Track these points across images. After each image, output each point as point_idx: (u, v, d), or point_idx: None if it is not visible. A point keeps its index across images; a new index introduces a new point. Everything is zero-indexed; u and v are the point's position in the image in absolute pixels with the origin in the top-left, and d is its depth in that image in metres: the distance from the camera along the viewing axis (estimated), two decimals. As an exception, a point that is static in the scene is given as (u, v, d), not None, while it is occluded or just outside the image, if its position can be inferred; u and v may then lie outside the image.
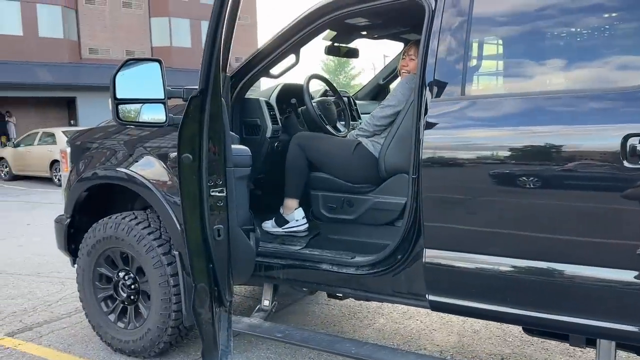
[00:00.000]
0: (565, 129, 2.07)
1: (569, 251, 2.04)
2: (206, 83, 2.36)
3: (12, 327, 4.06)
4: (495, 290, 2.23)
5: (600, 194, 1.97)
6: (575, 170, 2.00)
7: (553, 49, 2.27)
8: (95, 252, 3.50)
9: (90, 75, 26.64)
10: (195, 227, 2.43)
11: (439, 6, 2.37)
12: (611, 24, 2.17)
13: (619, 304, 1.98)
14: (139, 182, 3.20)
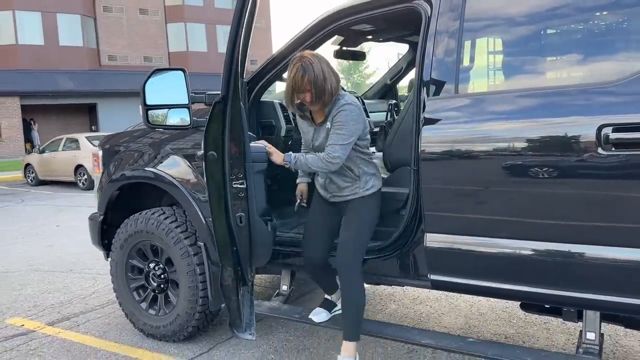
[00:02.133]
0: (548, 121, 2.30)
1: (552, 230, 2.28)
2: (227, 90, 2.65)
3: (51, 318, 4.40)
4: (488, 268, 2.47)
5: (577, 178, 2.21)
6: (555, 157, 2.24)
7: (536, 50, 2.51)
8: (127, 246, 3.81)
9: (109, 81, 27.29)
10: (221, 215, 2.75)
11: (434, 12, 2.62)
12: (586, 27, 2.40)
13: (597, 277, 2.22)
14: (167, 181, 3.50)
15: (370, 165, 2.81)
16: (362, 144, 2.76)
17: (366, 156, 2.79)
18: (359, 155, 2.76)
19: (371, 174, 2.80)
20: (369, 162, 2.80)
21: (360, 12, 2.95)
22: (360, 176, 2.77)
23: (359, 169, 2.76)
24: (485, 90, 2.69)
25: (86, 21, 27.91)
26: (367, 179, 2.78)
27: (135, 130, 4.05)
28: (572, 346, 3.38)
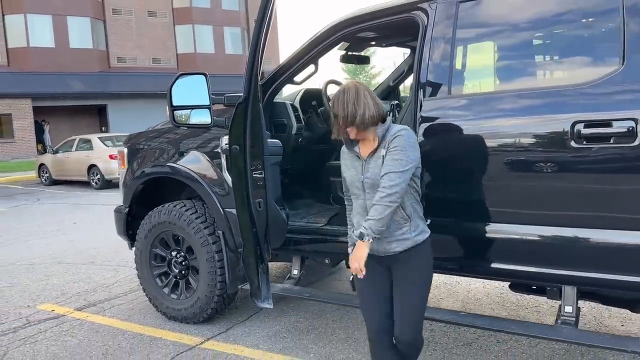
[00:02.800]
0: (530, 118, 2.61)
1: (533, 213, 2.59)
2: (248, 92, 2.98)
3: (78, 304, 4.75)
4: (477, 249, 2.79)
5: (552, 166, 2.51)
6: (535, 150, 2.55)
7: (519, 56, 2.82)
8: (151, 236, 4.14)
9: (119, 83, 27.72)
10: (243, 201, 3.08)
11: (430, 22, 2.93)
12: (563, 35, 2.72)
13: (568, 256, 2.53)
14: (189, 176, 3.83)
15: (420, 206, 2.43)
16: (416, 180, 2.39)
17: (417, 195, 2.41)
18: (412, 193, 2.38)
19: (421, 217, 2.42)
20: (419, 203, 2.43)
21: (365, 21, 3.26)
22: (411, 216, 2.36)
23: (411, 207, 2.37)
24: (476, 91, 3.00)
25: (96, 24, 28.36)
26: (417, 222, 2.38)
27: (156, 129, 4.39)
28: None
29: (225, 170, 3.65)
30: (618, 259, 2.41)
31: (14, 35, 26.52)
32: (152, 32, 30.19)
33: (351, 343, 3.59)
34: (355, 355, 3.40)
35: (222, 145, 3.62)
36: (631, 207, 2.35)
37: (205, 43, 31.70)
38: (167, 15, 30.76)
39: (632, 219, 2.36)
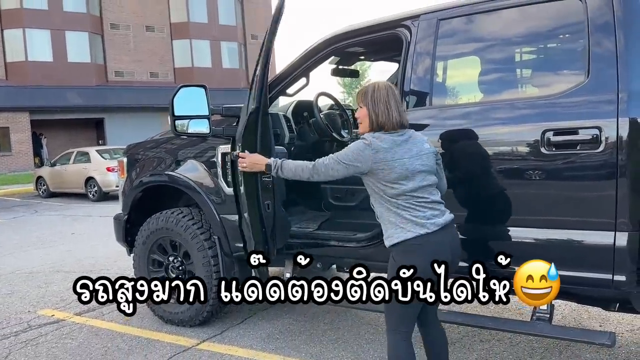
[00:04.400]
0: (505, 127, 2.81)
1: (509, 213, 2.78)
2: (259, 102, 3.17)
3: (78, 309, 4.88)
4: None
5: (524, 171, 2.70)
6: (509, 156, 2.74)
7: (494, 70, 3.04)
8: (149, 242, 4.30)
9: (117, 97, 27.95)
10: (254, 203, 3.27)
11: (412, 39, 3.14)
12: (533, 51, 2.93)
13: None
14: (187, 184, 4.00)
15: (392, 215, 2.45)
16: (389, 191, 2.43)
17: (391, 204, 2.45)
18: (380, 202, 2.49)
19: (392, 223, 2.45)
20: (390, 211, 2.46)
21: (353, 37, 3.48)
22: (382, 222, 2.53)
23: (380, 214, 2.53)
24: (455, 103, 3.20)
25: (94, 38, 28.66)
26: (386, 227, 2.50)
27: (154, 140, 4.57)
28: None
29: (221, 179, 3.83)
30: (583, 257, 2.59)
31: (12, 49, 26.79)
32: (149, 46, 30.50)
33: (341, 344, 3.74)
34: (345, 354, 3.55)
35: (218, 154, 3.82)
36: (595, 209, 2.53)
37: (203, 57, 32.03)
38: (164, 30, 31.09)
39: (597, 221, 2.54)
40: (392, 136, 2.46)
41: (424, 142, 2.53)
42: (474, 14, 3.01)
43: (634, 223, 2.46)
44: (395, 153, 2.42)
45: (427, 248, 2.39)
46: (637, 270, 2.50)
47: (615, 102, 2.47)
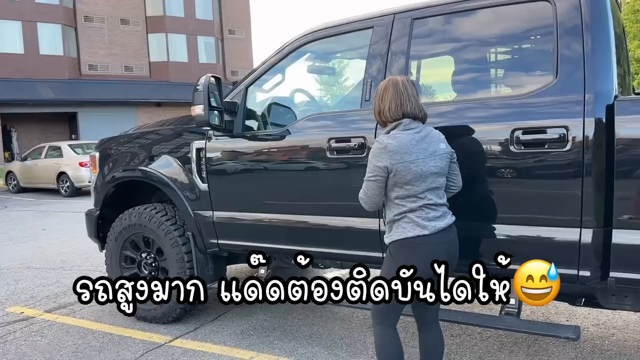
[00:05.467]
0: (476, 125, 2.85)
1: (480, 209, 2.83)
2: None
3: (48, 306, 4.81)
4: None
5: (496, 169, 2.75)
6: (482, 154, 2.78)
7: (467, 71, 3.09)
8: (121, 238, 4.26)
9: (90, 90, 27.46)
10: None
11: (387, 38, 3.17)
12: (505, 52, 2.99)
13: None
14: (161, 180, 3.97)
15: (397, 215, 2.47)
16: (401, 192, 2.43)
17: (398, 206, 2.46)
18: (392, 201, 2.49)
19: (394, 221, 2.48)
20: (397, 212, 2.47)
21: (329, 35, 3.49)
22: (386, 218, 2.56)
23: (388, 213, 2.53)
24: (432, 101, 3.25)
25: (67, 31, 28.09)
26: (390, 226, 2.53)
27: (127, 134, 4.52)
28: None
29: (195, 174, 3.81)
30: (550, 253, 2.66)
31: (-19, 41, 26.11)
32: (124, 40, 30.04)
33: (315, 339, 3.77)
34: (318, 349, 3.58)
35: (193, 150, 3.80)
36: (562, 207, 2.60)
37: (179, 52, 31.66)
38: (139, 24, 30.64)
39: (563, 218, 2.61)
40: (409, 133, 2.43)
41: (439, 142, 2.51)
42: (447, 14, 3.05)
43: (599, 220, 2.53)
44: (412, 154, 2.39)
45: (425, 247, 2.42)
46: (601, 266, 2.57)
47: (581, 103, 2.53)
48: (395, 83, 2.51)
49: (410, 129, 2.45)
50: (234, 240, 3.79)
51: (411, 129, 2.45)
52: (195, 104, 3.36)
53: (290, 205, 3.48)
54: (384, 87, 2.53)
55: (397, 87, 2.49)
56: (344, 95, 4.22)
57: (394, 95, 2.48)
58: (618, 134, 2.48)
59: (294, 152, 3.44)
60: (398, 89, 2.48)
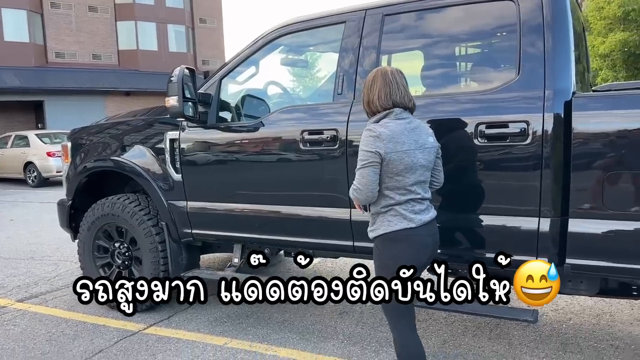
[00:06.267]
0: (442, 119, 2.97)
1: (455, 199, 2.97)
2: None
3: (19, 296, 4.79)
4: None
5: (462, 162, 2.88)
6: (449, 147, 2.89)
7: (435, 67, 3.21)
8: (94, 228, 4.27)
9: (57, 79, 26.79)
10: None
11: (358, 33, 3.26)
12: (471, 49, 3.12)
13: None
14: (134, 170, 3.99)
15: (385, 207, 2.45)
16: (391, 183, 2.42)
17: (387, 197, 2.44)
18: (380, 192, 2.44)
19: (381, 213, 2.47)
20: (386, 204, 2.45)
21: (303, 29, 3.57)
22: (370, 210, 2.54)
23: (374, 204, 2.49)
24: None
25: (33, 17, 27.31)
26: (374, 219, 2.51)
27: (100, 124, 4.52)
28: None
29: (169, 165, 3.85)
30: (512, 241, 2.81)
31: (-58, 25, 25.21)
32: (92, 27, 29.35)
33: (287, 325, 3.87)
34: (291, 335, 3.68)
35: (167, 140, 3.84)
36: (523, 197, 2.75)
37: (148, 40, 31.10)
38: (108, 11, 29.98)
39: (524, 208, 2.76)
40: (401, 123, 2.42)
41: (428, 135, 2.51)
42: (417, 11, 3.16)
43: (556, 210, 2.69)
44: (404, 143, 2.38)
45: (412, 239, 2.44)
46: (558, 253, 2.73)
47: (542, 99, 2.68)
48: (384, 73, 2.48)
49: (401, 118, 2.43)
50: (207, 230, 3.85)
51: (403, 118, 2.43)
52: (169, 95, 3.40)
53: (263, 195, 3.55)
54: (373, 77, 2.50)
55: (386, 76, 2.46)
56: (317, 88, 4.29)
57: (382, 84, 2.44)
58: (575, 129, 2.62)
59: (267, 143, 3.51)
60: (387, 79, 2.45)
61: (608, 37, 19.88)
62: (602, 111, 2.67)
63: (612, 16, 19.47)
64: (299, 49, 4.23)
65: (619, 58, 20.20)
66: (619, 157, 2.57)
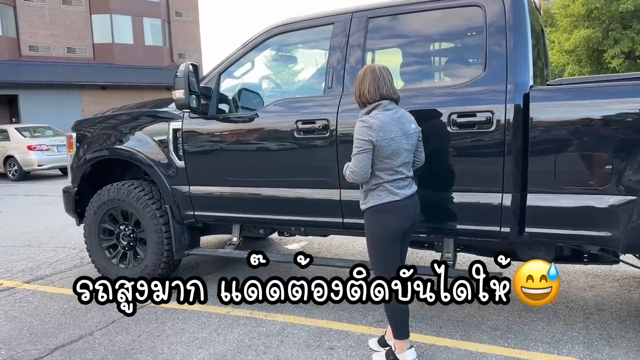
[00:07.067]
0: (420, 109, 3.40)
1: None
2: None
3: (26, 278, 5.10)
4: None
5: (436, 146, 3.32)
6: (427, 134, 3.33)
7: (413, 63, 3.66)
8: (100, 212, 4.62)
9: (32, 72, 26.54)
10: None
11: (345, 33, 3.68)
12: (445, 47, 3.57)
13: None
14: (142, 159, 4.35)
15: (375, 185, 2.87)
16: (380, 165, 2.83)
17: (377, 177, 2.86)
18: (372, 172, 2.85)
19: (371, 190, 2.88)
20: (375, 182, 2.87)
21: (295, 29, 3.98)
22: (362, 187, 2.94)
23: (366, 182, 2.90)
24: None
25: (5, 9, 26.96)
26: (365, 194, 2.93)
27: (105, 115, 4.86)
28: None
29: (172, 153, 4.22)
30: (480, 214, 3.27)
31: None
32: (66, 20, 29.09)
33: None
34: (286, 304, 4.08)
35: (170, 130, 4.20)
36: (489, 176, 3.21)
37: (124, 33, 30.92)
38: (82, 4, 29.71)
39: (490, 186, 3.22)
40: (388, 114, 2.83)
41: (411, 122, 2.92)
42: (397, 14, 3.60)
43: (516, 187, 3.16)
44: (392, 132, 2.80)
45: (397, 209, 2.87)
46: (518, 224, 3.21)
47: (504, 92, 3.14)
48: (373, 69, 2.90)
49: (388, 109, 2.85)
50: (209, 212, 4.24)
51: (389, 109, 2.85)
52: (176, 89, 3.78)
53: (261, 179, 3.95)
54: (363, 73, 2.92)
55: (375, 72, 2.87)
56: (309, 83, 4.70)
57: (372, 79, 2.86)
58: (532, 118, 3.10)
59: (264, 132, 3.91)
60: (375, 75, 2.87)
61: (573, 34, 20.72)
62: (555, 102, 3.14)
63: (576, 14, 20.29)
64: (292, 47, 4.63)
65: (584, 54, 21.06)
66: (567, 142, 3.05)
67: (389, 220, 2.89)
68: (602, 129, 3.00)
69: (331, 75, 3.68)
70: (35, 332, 3.80)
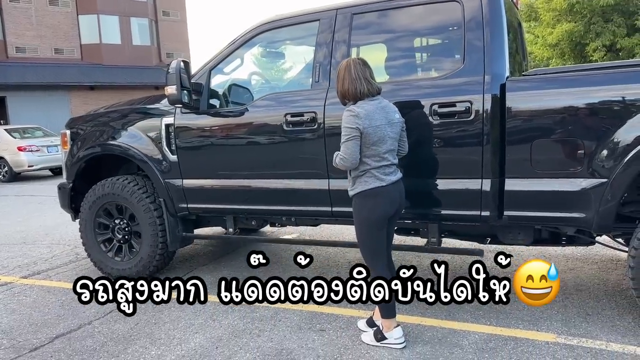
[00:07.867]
0: (404, 101, 3.56)
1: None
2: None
3: (23, 273, 5.20)
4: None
5: (420, 135, 3.48)
6: (411, 124, 3.49)
7: (396, 57, 3.82)
8: (95, 206, 4.74)
9: (19, 74, 26.44)
10: None
11: (330, 29, 3.83)
12: (426, 42, 3.74)
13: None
14: (136, 155, 4.47)
15: (362, 171, 3.03)
16: (367, 152, 2.99)
17: (364, 164, 3.01)
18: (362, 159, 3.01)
19: (359, 176, 3.04)
20: (363, 169, 3.02)
21: (282, 26, 4.12)
22: (351, 173, 3.09)
23: (355, 169, 3.04)
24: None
25: (-10, 11, 26.85)
26: (353, 181, 3.08)
27: (97, 113, 4.97)
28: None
29: (165, 148, 4.35)
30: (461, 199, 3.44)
31: None
32: (53, 21, 28.97)
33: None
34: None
35: (162, 125, 4.33)
36: (469, 163, 3.37)
37: (111, 34, 30.84)
38: (69, 4, 29.61)
39: (470, 172, 3.38)
40: (373, 104, 3.00)
41: (395, 112, 3.10)
42: (380, 10, 3.75)
43: (495, 172, 3.33)
44: (377, 120, 2.97)
45: (384, 194, 3.03)
46: (497, 207, 3.38)
47: (482, 83, 3.31)
48: (349, 70, 3.03)
49: (373, 100, 3.04)
50: (202, 204, 4.38)
51: (374, 99, 3.04)
52: (168, 85, 3.91)
53: (252, 171, 4.09)
54: (342, 72, 3.07)
55: (351, 74, 3.02)
56: (296, 78, 4.85)
57: (350, 80, 3.02)
58: (508, 107, 3.27)
59: (254, 125, 4.05)
60: (352, 77, 3.02)
61: (556, 28, 21.00)
62: (529, 92, 3.31)
63: (559, 8, 20.58)
64: (279, 44, 4.76)
65: (567, 47, 21.37)
66: (542, 128, 3.22)
67: (376, 205, 3.05)
68: (574, 116, 3.17)
69: (318, 70, 3.83)
70: (35, 323, 3.92)
